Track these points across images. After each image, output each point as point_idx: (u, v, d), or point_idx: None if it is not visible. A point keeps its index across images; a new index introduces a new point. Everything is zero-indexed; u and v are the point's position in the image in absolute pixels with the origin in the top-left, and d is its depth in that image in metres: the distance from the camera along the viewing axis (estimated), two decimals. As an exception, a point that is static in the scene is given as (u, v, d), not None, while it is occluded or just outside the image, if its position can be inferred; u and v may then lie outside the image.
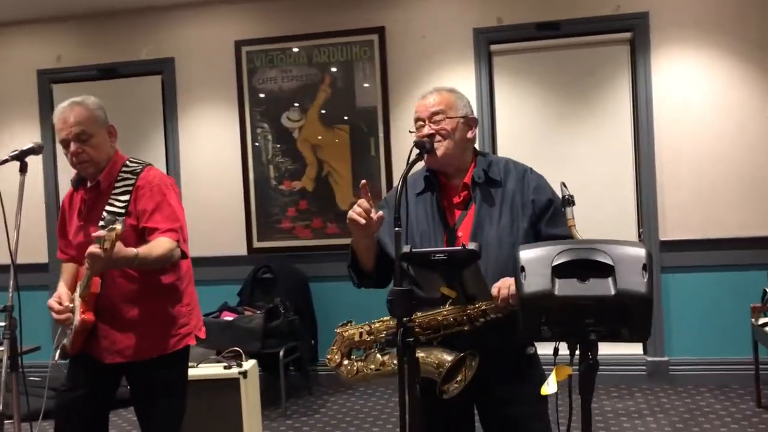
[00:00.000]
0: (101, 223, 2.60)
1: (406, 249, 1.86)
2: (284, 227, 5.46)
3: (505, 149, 5.15)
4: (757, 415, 4.26)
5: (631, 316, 1.62)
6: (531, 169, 2.35)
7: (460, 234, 2.21)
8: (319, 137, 5.41)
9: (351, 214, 2.09)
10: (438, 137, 2.26)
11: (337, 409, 4.86)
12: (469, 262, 1.84)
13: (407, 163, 2.10)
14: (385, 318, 2.23)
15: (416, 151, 2.24)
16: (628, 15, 4.95)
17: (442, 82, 5.16)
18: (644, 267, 1.62)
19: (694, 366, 4.90)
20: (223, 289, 5.40)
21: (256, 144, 5.49)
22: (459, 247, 1.83)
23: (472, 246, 1.81)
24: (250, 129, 5.49)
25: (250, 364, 3.99)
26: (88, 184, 2.74)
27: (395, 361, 2.12)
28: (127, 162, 2.73)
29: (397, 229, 1.93)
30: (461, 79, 5.16)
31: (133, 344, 2.66)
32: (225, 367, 3.93)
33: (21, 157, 2.56)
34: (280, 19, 5.44)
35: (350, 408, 4.87)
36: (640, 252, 1.65)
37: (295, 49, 5.40)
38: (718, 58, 4.85)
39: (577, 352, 1.68)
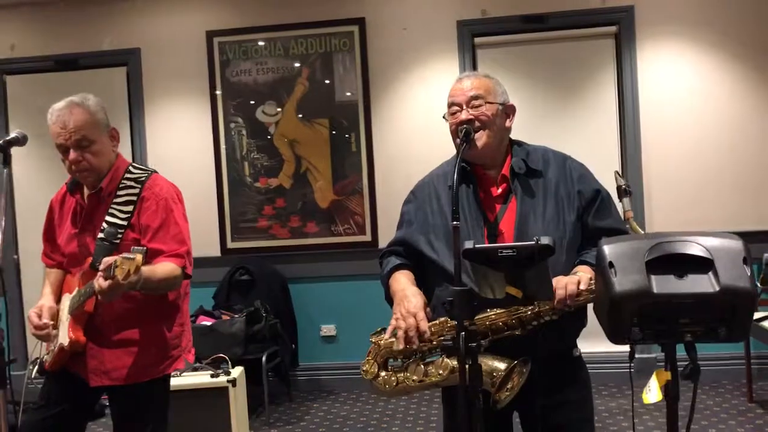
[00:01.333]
0: (101, 235, 2.39)
1: (468, 245, 1.68)
2: (260, 226, 5.22)
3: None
4: (750, 410, 4.25)
5: (732, 314, 1.48)
6: (570, 156, 2.21)
7: (502, 230, 2.05)
8: (297, 132, 5.18)
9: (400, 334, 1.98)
10: (477, 123, 2.09)
11: (322, 416, 4.65)
12: (541, 258, 1.67)
13: (458, 152, 1.91)
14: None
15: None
16: (613, 9, 4.89)
17: (426, 75, 5.07)
18: (744, 260, 1.49)
19: (683, 363, 4.85)
20: (197, 292, 5.05)
21: (230, 139, 5.22)
22: (531, 242, 1.66)
23: (545, 240, 1.65)
24: (223, 124, 5.22)
25: (238, 372, 3.77)
26: (86, 191, 2.49)
27: (441, 371, 1.97)
28: (131, 168, 2.50)
29: (455, 223, 1.76)
30: (445, 73, 5.01)
31: (123, 366, 2.43)
32: (212, 375, 3.69)
33: (4, 148, 2.27)
34: (255, 9, 5.19)
35: (336, 414, 4.67)
36: (738, 244, 1.52)
37: (271, 41, 5.16)
38: (702, 53, 4.84)
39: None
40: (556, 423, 2.08)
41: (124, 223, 2.38)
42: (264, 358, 4.48)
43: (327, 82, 5.13)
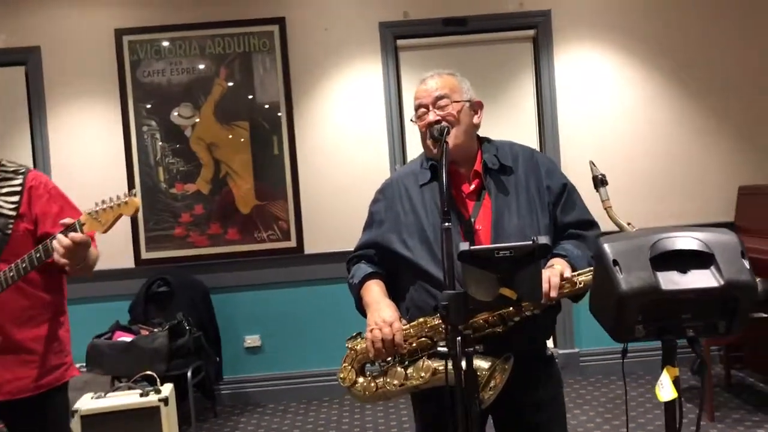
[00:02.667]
0: None
1: (464, 246, 1.62)
2: (178, 235, 4.96)
3: (413, 145, 5.00)
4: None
5: (734, 308, 1.50)
6: (536, 150, 2.21)
7: (478, 227, 2.02)
8: (216, 135, 4.96)
9: (378, 345, 1.92)
10: (445, 123, 2.04)
11: (252, 431, 4.46)
12: (537, 258, 1.64)
13: (443, 154, 1.85)
14: (404, 325, 1.97)
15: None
16: (531, 13, 5.00)
17: (349, 76, 4.99)
18: (742, 254, 1.51)
19: (602, 356, 5.03)
20: (110, 306, 4.81)
21: (143, 144, 4.94)
22: (529, 242, 1.62)
23: (543, 240, 1.61)
24: (134, 127, 4.93)
25: (168, 389, 3.55)
26: None
27: (423, 373, 1.92)
28: (4, 162, 2.34)
29: (446, 224, 1.70)
30: (368, 74, 4.97)
31: (19, 378, 2.23)
32: (141, 395, 3.45)
33: None
34: (168, 6, 4.93)
35: (266, 428, 4.50)
36: (734, 238, 1.54)
37: (186, 40, 4.92)
38: (615, 57, 5.02)
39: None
40: (532, 422, 2.06)
41: (13, 213, 2.25)
42: (189, 374, 4.25)
43: (246, 83, 4.95)
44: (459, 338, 1.63)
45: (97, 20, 4.91)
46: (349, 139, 4.98)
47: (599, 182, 2.02)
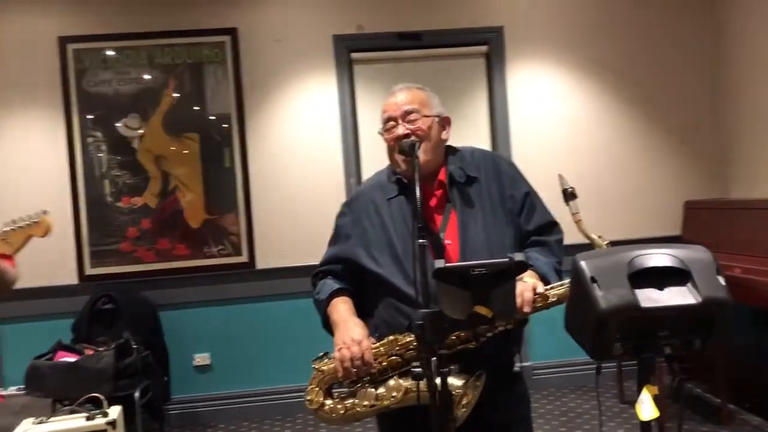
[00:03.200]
0: None
1: (439, 264, 1.58)
2: (124, 250, 4.79)
3: (368, 158, 4.97)
4: (624, 411, 4.48)
5: (711, 325, 1.50)
6: (498, 154, 2.20)
7: (447, 242, 1.98)
8: (164, 148, 4.83)
9: (347, 365, 1.87)
10: (414, 138, 2.01)
11: (202, 452, 4.33)
12: (513, 275, 1.61)
13: (415, 170, 1.81)
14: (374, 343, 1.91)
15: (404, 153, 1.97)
16: (484, 29, 5.04)
17: (303, 88, 4.93)
18: (717, 271, 1.52)
19: (555, 369, 5.06)
20: (51, 325, 4.61)
21: (88, 156, 4.76)
22: (505, 260, 1.59)
23: (519, 257, 1.58)
24: (79, 138, 4.75)
25: (116, 412, 3.40)
26: None
27: (395, 393, 1.87)
28: None
29: (421, 241, 1.66)
30: (322, 86, 4.92)
31: None
32: (88, 418, 3.30)
33: None
34: (115, 14, 4.79)
35: (217, 449, 4.37)
36: (708, 255, 1.54)
37: (134, 49, 4.78)
38: (565, 74, 5.10)
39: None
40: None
41: None
42: (137, 394, 4.09)
43: (197, 94, 4.83)
44: (434, 359, 1.60)
45: (39, 27, 4.73)
46: (303, 152, 4.91)
47: (569, 195, 2.02)
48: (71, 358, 4.10)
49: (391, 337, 1.90)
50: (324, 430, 4.52)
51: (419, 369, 1.63)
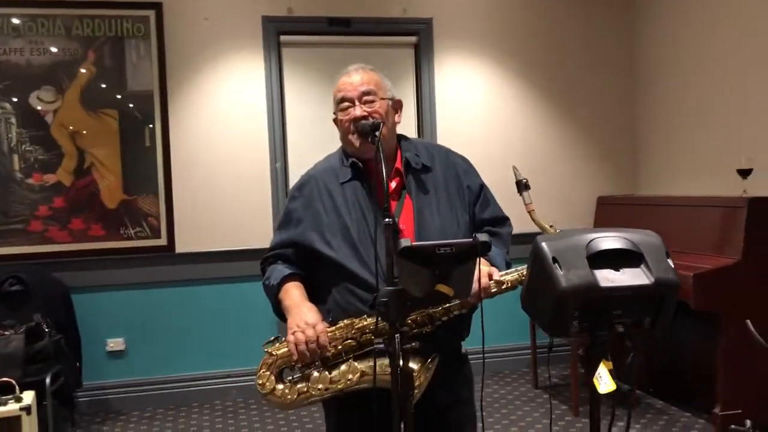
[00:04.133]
0: None
1: (406, 243, 1.60)
2: (34, 229, 4.54)
3: (293, 141, 4.92)
4: (539, 396, 4.67)
5: (660, 305, 1.58)
6: (450, 149, 2.23)
7: (402, 226, 2.00)
8: (81, 123, 4.61)
9: (302, 348, 1.84)
10: (371, 120, 2.02)
11: (117, 440, 4.18)
12: (476, 255, 1.65)
13: (378, 150, 1.81)
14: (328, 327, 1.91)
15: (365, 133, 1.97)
16: (414, 20, 5.08)
17: (230, 69, 4.84)
18: (667, 254, 1.61)
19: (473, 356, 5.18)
20: (-49, 307, 4.31)
21: (-5, 128, 4.49)
22: (469, 239, 1.63)
23: (484, 238, 1.62)
24: (-14, 109, 4.47)
25: (30, 397, 3.24)
26: None
27: (350, 376, 1.87)
28: None
29: (387, 220, 1.67)
30: (249, 68, 4.84)
31: None
32: (0, 404, 3.11)
33: None
34: (30, -21, 4.53)
35: (132, 436, 4.23)
36: (658, 239, 1.63)
37: (49, 18, 4.53)
38: (490, 67, 5.22)
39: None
40: (452, 422, 2.07)
41: None
42: (48, 380, 3.90)
43: (117, 69, 4.64)
44: (397, 335, 1.61)
45: (-56, -12, 4.41)
46: (227, 134, 4.81)
47: (523, 186, 2.09)
48: (-24, 342, 3.85)
49: (346, 321, 1.89)
50: (244, 416, 4.47)
51: (381, 345, 1.63)
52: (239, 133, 4.83)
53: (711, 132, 4.69)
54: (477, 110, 5.21)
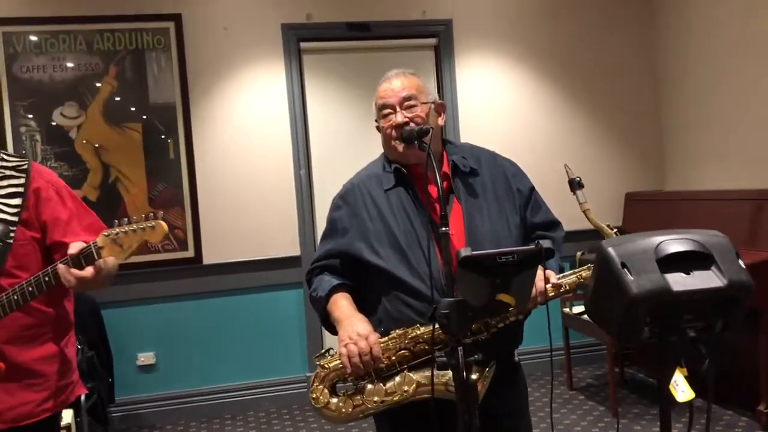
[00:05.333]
0: None
1: (466, 252, 1.55)
2: (61, 246, 4.53)
3: (317, 149, 4.90)
4: (574, 397, 4.61)
5: (732, 308, 1.53)
6: (497, 153, 2.19)
7: (452, 232, 1.95)
8: (104, 138, 4.60)
9: (355, 360, 1.81)
10: (413, 125, 1.98)
11: (152, 455, 4.16)
12: (539, 262, 1.60)
13: (430, 155, 1.76)
14: (380, 338, 1.87)
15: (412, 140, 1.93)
16: (433, 21, 5.04)
17: (251, 77, 4.81)
18: (737, 254, 1.55)
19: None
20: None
21: (20, 146, 4.48)
22: (531, 247, 1.58)
23: (547, 244, 1.58)
24: (10, 127, 4.46)
25: (69, 416, 3.21)
26: None
27: (406, 387, 1.82)
28: (3, 155, 2.02)
29: (444, 229, 1.63)
30: (270, 76, 4.81)
31: (22, 402, 1.95)
32: (39, 425, 3.08)
33: None
34: (50, -4, 4.52)
35: (168, 451, 4.20)
36: (727, 239, 1.57)
37: (71, 34, 4.53)
38: (510, 66, 5.17)
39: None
40: (506, 429, 2.03)
41: (14, 219, 1.93)
42: (83, 398, 3.88)
43: (139, 82, 4.62)
44: (460, 348, 1.57)
45: (-35, 8, 4.41)
46: (250, 143, 4.79)
47: (576, 185, 2.04)
48: (10, 361, 3.84)
49: (399, 331, 1.85)
50: (278, 427, 4.43)
51: (443, 358, 1.59)
52: (262, 141, 4.81)
53: (741, 126, 4.61)
54: (499, 111, 5.16)
